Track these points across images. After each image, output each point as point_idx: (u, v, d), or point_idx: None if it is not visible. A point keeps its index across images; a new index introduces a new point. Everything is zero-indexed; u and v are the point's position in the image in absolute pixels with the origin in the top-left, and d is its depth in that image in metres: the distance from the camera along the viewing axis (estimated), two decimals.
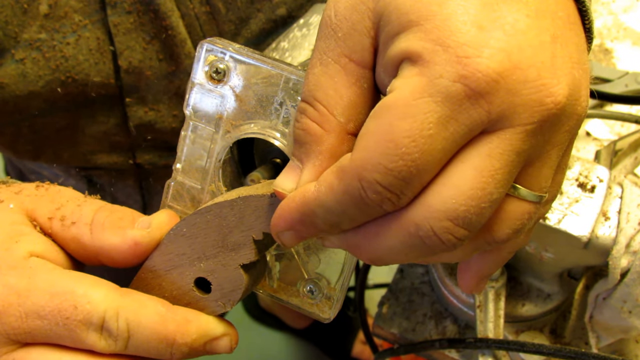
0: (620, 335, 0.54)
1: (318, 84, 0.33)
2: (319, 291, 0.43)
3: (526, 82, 0.29)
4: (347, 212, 0.32)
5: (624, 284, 0.49)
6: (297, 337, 1.79)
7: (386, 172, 0.30)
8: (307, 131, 0.34)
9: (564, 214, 0.49)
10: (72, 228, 0.40)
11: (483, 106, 0.29)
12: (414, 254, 0.32)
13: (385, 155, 0.29)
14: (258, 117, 0.41)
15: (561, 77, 0.30)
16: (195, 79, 0.42)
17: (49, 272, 0.38)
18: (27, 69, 0.55)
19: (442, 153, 0.30)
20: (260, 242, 0.39)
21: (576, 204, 0.49)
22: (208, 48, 0.41)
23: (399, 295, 0.64)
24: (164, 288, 0.41)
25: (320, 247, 0.43)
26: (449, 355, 0.61)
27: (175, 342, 0.38)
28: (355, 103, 0.33)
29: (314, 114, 0.33)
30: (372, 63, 0.33)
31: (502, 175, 0.30)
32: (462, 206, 0.30)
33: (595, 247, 0.48)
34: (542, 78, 0.29)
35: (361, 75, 0.33)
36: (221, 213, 0.39)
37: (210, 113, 0.42)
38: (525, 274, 0.56)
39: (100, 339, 0.37)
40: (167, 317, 0.39)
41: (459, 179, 0.30)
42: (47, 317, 0.37)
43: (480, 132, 0.30)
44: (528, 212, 0.33)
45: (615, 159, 0.57)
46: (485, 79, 0.29)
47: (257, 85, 0.40)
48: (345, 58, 0.33)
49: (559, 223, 0.48)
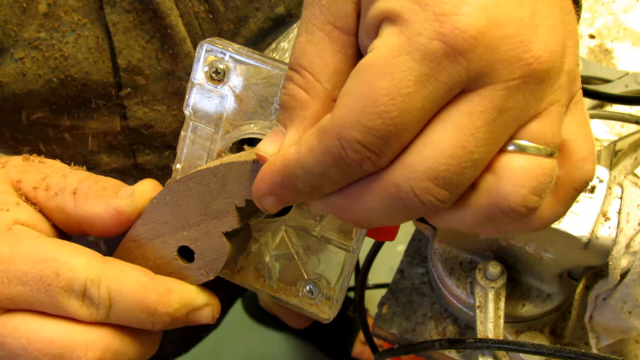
0: (620, 335, 0.54)
1: (304, 51, 0.34)
2: (318, 291, 0.43)
3: (504, 39, 0.29)
4: (328, 173, 0.32)
5: (623, 284, 0.49)
6: (297, 337, 1.79)
7: (365, 130, 0.29)
8: (292, 97, 0.34)
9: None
10: (57, 197, 0.41)
11: (462, 64, 0.29)
12: (396, 215, 0.32)
13: (363, 114, 0.29)
14: (258, 118, 0.41)
15: (541, 34, 0.30)
16: (195, 79, 0.42)
17: (32, 239, 0.39)
18: (26, 68, 0.55)
19: (422, 112, 0.30)
20: (243, 210, 0.39)
21: (576, 204, 0.49)
22: (208, 48, 0.41)
23: (399, 296, 0.64)
24: (147, 257, 0.41)
25: (320, 248, 0.43)
26: (449, 356, 0.61)
27: (157, 312, 0.38)
28: (340, 70, 0.33)
29: (300, 80, 0.34)
30: (356, 29, 0.33)
31: (483, 133, 0.30)
32: (442, 165, 0.29)
33: (595, 247, 0.48)
34: (521, 34, 0.29)
35: (345, 42, 0.33)
36: (204, 180, 0.39)
37: (210, 113, 0.42)
38: (525, 274, 0.56)
39: (81, 307, 0.38)
40: (149, 286, 0.39)
41: (439, 138, 0.30)
42: (29, 283, 0.37)
43: (461, 91, 0.30)
44: (539, 167, 0.31)
45: (615, 160, 0.57)
46: (463, 35, 0.28)
47: (257, 86, 0.40)
48: (329, 25, 0.33)
49: (559, 223, 0.48)
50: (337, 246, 0.42)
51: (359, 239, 0.42)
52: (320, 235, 0.42)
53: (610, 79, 0.66)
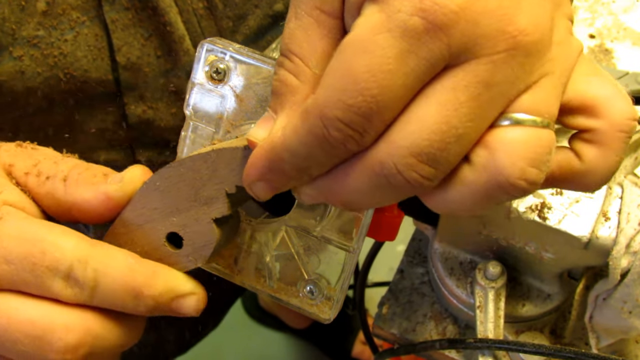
0: (620, 335, 0.54)
1: (293, 37, 0.34)
2: (318, 292, 0.43)
3: (486, 13, 0.29)
4: (313, 154, 0.32)
5: (624, 284, 0.49)
6: (297, 337, 1.79)
7: (346, 108, 0.29)
8: (283, 82, 0.34)
9: (564, 214, 0.49)
10: (47, 183, 0.41)
11: (442, 39, 0.29)
12: (383, 195, 0.32)
13: (344, 92, 0.29)
14: (258, 117, 0.41)
15: (525, 7, 0.30)
16: (196, 79, 0.42)
17: (20, 219, 0.39)
18: (25, 66, 0.55)
19: (404, 89, 0.29)
20: (233, 196, 0.39)
21: (576, 204, 0.49)
22: (208, 48, 0.41)
23: (399, 296, 0.64)
24: (135, 243, 0.41)
25: (321, 248, 0.43)
26: (449, 356, 0.61)
27: (141, 294, 0.38)
28: (329, 54, 0.33)
29: (290, 65, 0.34)
30: (342, 12, 0.33)
31: (468, 108, 0.29)
32: (425, 141, 0.29)
33: (595, 247, 0.48)
34: (503, 8, 0.29)
35: (333, 26, 0.33)
36: (194, 166, 0.38)
37: (211, 113, 0.42)
38: (525, 274, 0.56)
39: (65, 287, 0.37)
40: (135, 268, 0.39)
41: (422, 114, 0.30)
42: (14, 262, 0.37)
43: (445, 67, 0.30)
44: (536, 137, 0.30)
45: None
46: (442, 10, 0.28)
47: (257, 85, 0.40)
48: (317, 10, 0.33)
49: (559, 223, 0.48)
50: (337, 246, 0.42)
51: (359, 239, 0.42)
52: (320, 236, 0.42)
53: None
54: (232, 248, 0.45)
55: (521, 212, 0.49)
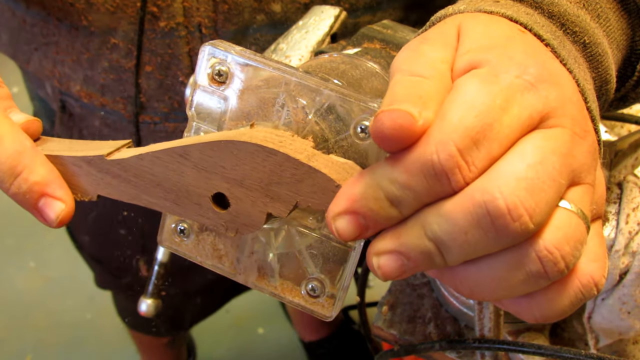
0: (619, 336, 0.55)
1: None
2: (320, 290, 0.44)
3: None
4: (412, 184, 0.31)
5: (623, 284, 0.49)
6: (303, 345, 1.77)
7: (463, 130, 0.30)
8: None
9: None
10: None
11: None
12: (478, 232, 0.31)
13: (461, 119, 0.30)
14: (260, 119, 0.41)
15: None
16: (198, 81, 0.42)
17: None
18: None
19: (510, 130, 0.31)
20: (296, 209, 0.38)
21: None
22: (210, 51, 0.41)
23: (399, 297, 0.65)
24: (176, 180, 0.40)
25: (322, 246, 0.43)
26: (449, 356, 0.61)
27: (20, 175, 0.40)
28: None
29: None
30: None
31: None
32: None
33: None
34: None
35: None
36: (282, 165, 0.37)
37: (213, 115, 0.42)
38: None
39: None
40: (26, 152, 0.40)
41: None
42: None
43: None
44: (580, 229, 0.31)
45: (615, 159, 0.57)
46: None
47: (258, 88, 0.41)
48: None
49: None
50: (338, 244, 0.42)
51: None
52: (322, 234, 0.43)
53: None
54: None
55: None
